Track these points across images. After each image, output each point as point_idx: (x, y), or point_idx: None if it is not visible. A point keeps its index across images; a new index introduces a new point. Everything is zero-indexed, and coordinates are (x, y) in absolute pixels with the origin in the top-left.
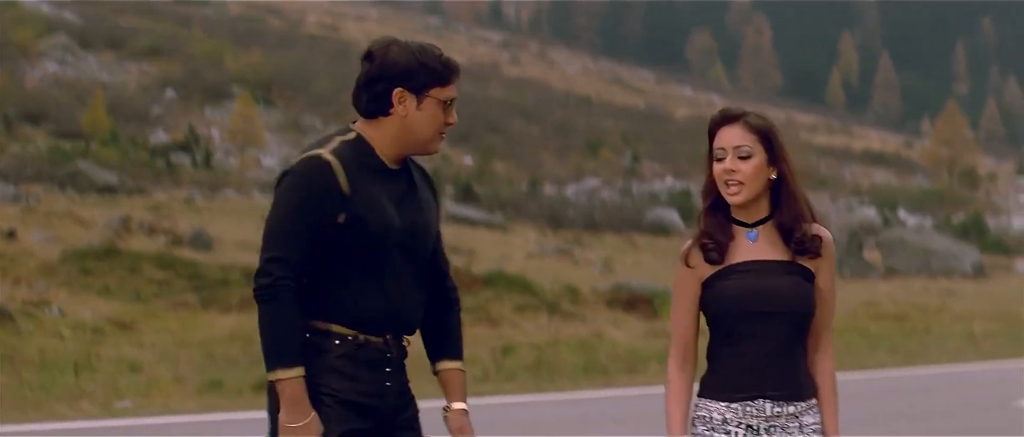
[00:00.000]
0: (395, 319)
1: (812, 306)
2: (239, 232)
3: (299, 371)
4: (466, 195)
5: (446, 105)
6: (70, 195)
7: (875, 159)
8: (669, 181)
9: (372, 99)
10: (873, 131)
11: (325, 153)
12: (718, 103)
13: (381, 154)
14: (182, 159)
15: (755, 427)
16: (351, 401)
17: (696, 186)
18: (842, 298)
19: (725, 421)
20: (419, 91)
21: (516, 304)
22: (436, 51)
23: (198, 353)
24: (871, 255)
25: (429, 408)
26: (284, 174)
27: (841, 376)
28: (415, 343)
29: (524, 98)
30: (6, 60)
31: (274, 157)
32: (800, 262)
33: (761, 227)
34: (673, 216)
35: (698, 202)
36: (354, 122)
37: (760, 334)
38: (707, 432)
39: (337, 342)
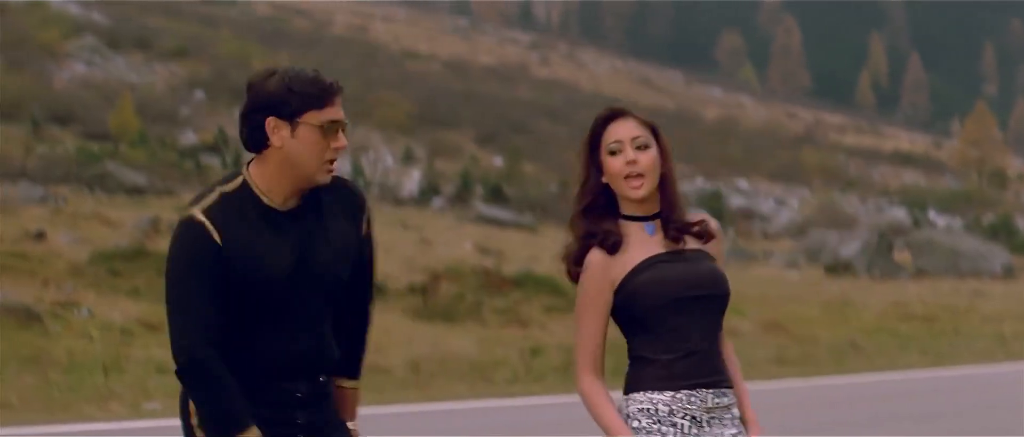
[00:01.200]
0: (307, 362)
1: (728, 288)
2: None
3: (254, 431)
4: (495, 196)
5: (326, 129)
6: (98, 196)
7: (904, 160)
8: (698, 182)
9: (249, 133)
10: (902, 132)
11: (196, 213)
12: (747, 104)
13: (267, 194)
14: (211, 160)
15: (698, 418)
16: None
17: (726, 187)
18: (872, 299)
19: (671, 412)
20: (291, 118)
21: (545, 305)
22: (310, 74)
23: None
24: (900, 256)
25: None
26: (172, 240)
27: (872, 377)
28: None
29: (553, 99)
30: (34, 61)
31: None
32: (705, 250)
33: (656, 221)
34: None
35: (728, 203)
36: (249, 163)
37: (694, 321)
38: (653, 424)
39: (251, 390)
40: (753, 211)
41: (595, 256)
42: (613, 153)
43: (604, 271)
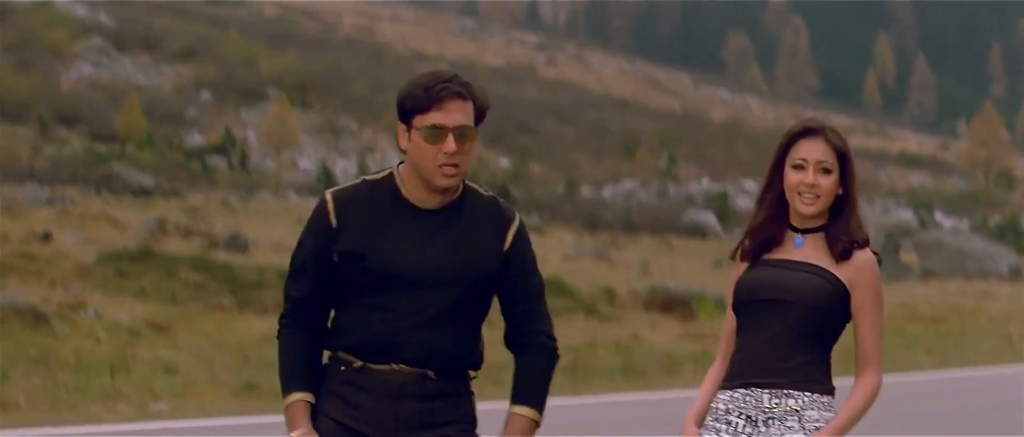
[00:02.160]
0: (405, 350)
1: (827, 305)
2: (275, 234)
3: (296, 396)
4: (502, 197)
5: (429, 134)
6: (105, 197)
7: (911, 161)
8: (706, 183)
9: (396, 138)
10: (909, 133)
11: (328, 193)
12: (754, 105)
13: (409, 192)
14: (218, 161)
15: (754, 418)
16: (349, 427)
17: (733, 188)
18: None
19: (727, 411)
20: (408, 122)
21: (553, 306)
22: (428, 79)
23: (234, 355)
24: (908, 257)
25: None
26: None
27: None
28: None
29: (560, 100)
30: (41, 62)
31: (310, 159)
32: (832, 271)
33: (810, 236)
34: (710, 218)
35: (734, 204)
36: (401, 162)
37: (763, 322)
38: (712, 423)
39: (342, 368)
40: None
41: (742, 248)
42: (796, 167)
43: (740, 263)
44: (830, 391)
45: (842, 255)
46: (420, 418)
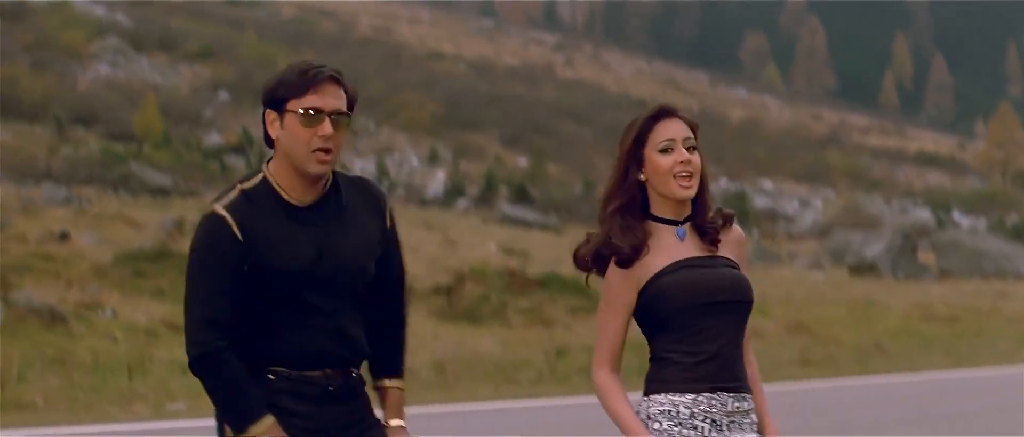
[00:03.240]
0: (330, 353)
1: (753, 297)
2: None
3: (269, 419)
4: (520, 197)
5: (305, 117)
6: (122, 197)
7: (928, 161)
8: (723, 183)
9: (263, 130)
10: (926, 133)
11: (218, 208)
12: (772, 105)
13: (285, 190)
14: (235, 161)
15: (718, 422)
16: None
17: (751, 188)
18: (896, 300)
19: (692, 415)
20: (279, 108)
21: (570, 306)
22: (302, 65)
23: None
24: (925, 257)
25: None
26: (194, 235)
27: (896, 378)
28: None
29: (577, 100)
30: (58, 62)
31: None
32: (730, 257)
33: (686, 225)
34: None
35: (752, 203)
36: (268, 160)
37: (717, 325)
38: (674, 427)
39: (272, 378)
40: (777, 212)
41: (620, 280)
42: (664, 151)
43: (628, 272)
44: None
45: (714, 239)
46: (351, 419)
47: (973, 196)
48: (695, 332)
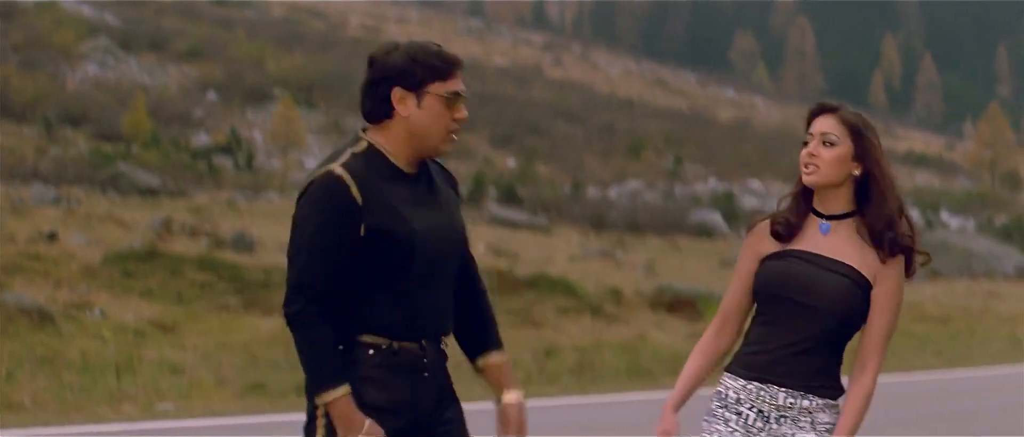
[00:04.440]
0: (428, 323)
1: (853, 314)
2: (281, 234)
3: (344, 388)
4: (509, 197)
5: (449, 100)
6: (111, 197)
7: (917, 161)
8: (712, 183)
9: (374, 103)
10: (915, 133)
11: (336, 168)
12: (761, 105)
13: (394, 159)
14: (224, 161)
15: (766, 413)
16: (387, 409)
17: (739, 188)
18: None
19: (738, 401)
20: (417, 88)
21: (559, 306)
22: (434, 47)
23: (240, 355)
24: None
25: (473, 411)
26: (301, 194)
27: (887, 378)
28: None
29: (567, 100)
30: (47, 62)
31: (316, 159)
32: (859, 269)
33: (838, 222)
34: (716, 218)
35: (741, 204)
36: (363, 130)
37: (789, 323)
38: (719, 408)
39: (371, 352)
40: (766, 212)
41: (761, 225)
42: (805, 143)
43: (759, 240)
44: (840, 392)
45: (882, 247)
46: (445, 393)
47: (962, 196)
48: (767, 321)
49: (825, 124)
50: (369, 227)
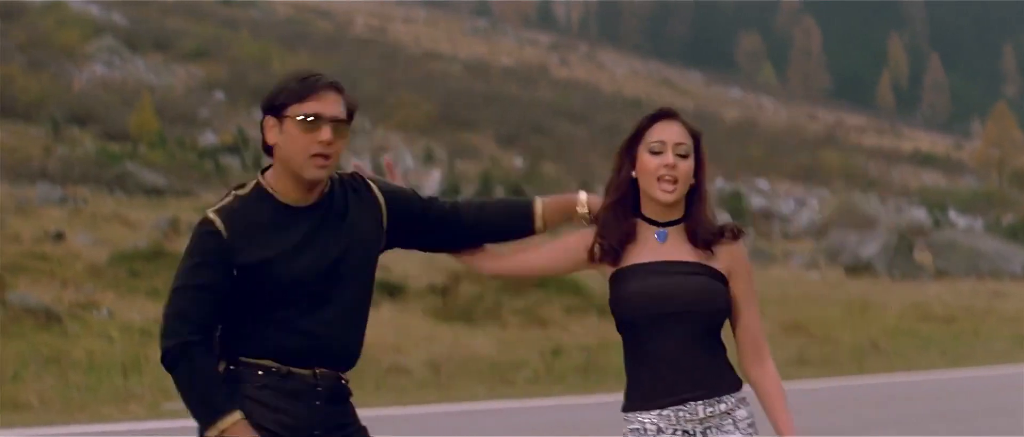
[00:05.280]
0: (323, 353)
1: (723, 304)
2: None
3: (236, 414)
4: (516, 195)
5: (307, 124)
6: (118, 197)
7: (924, 160)
8: (719, 183)
9: (261, 138)
10: (922, 132)
11: (210, 213)
12: (767, 105)
13: (280, 194)
14: (230, 161)
15: (690, 432)
16: (273, 432)
17: (746, 187)
18: (892, 300)
19: (660, 431)
20: (279, 114)
21: (565, 306)
22: (304, 73)
23: None
24: (921, 256)
25: (475, 411)
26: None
27: (892, 378)
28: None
29: (573, 100)
30: (53, 62)
31: None
32: (710, 264)
33: (671, 229)
34: (723, 218)
35: (748, 203)
36: (266, 168)
37: (675, 336)
38: None
39: (260, 373)
40: (773, 212)
41: (585, 238)
42: (653, 152)
43: (588, 246)
44: (742, 382)
45: (705, 247)
46: (334, 420)
47: (969, 196)
48: (652, 345)
49: (675, 133)
50: (239, 267)
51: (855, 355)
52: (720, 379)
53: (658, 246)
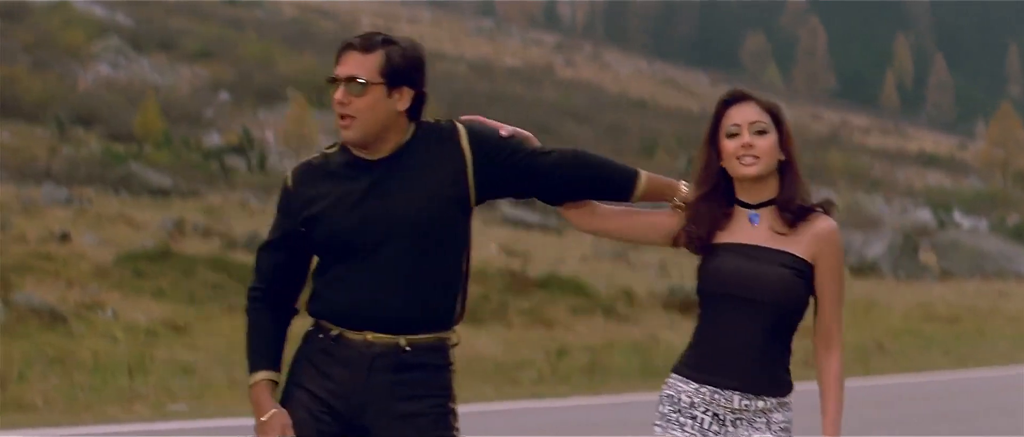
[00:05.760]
0: (372, 316)
1: (799, 303)
2: None
3: (261, 374)
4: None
5: (330, 87)
6: (123, 197)
7: (929, 161)
8: None
9: None
10: (927, 133)
11: (290, 168)
12: None
13: (356, 148)
14: (236, 161)
15: (721, 417)
16: (321, 399)
17: None
18: (897, 300)
19: (692, 405)
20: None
21: (571, 306)
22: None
23: None
24: (926, 257)
25: (479, 411)
26: None
27: (897, 378)
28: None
29: (577, 100)
30: (58, 63)
31: None
32: (797, 253)
33: (764, 210)
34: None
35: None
36: None
37: (739, 321)
38: (673, 413)
39: (320, 336)
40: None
41: (678, 221)
42: (731, 136)
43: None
44: (791, 389)
45: (796, 220)
46: (394, 391)
47: (974, 196)
48: (717, 322)
49: (751, 113)
50: (303, 220)
51: (860, 355)
52: (768, 378)
53: (751, 229)
